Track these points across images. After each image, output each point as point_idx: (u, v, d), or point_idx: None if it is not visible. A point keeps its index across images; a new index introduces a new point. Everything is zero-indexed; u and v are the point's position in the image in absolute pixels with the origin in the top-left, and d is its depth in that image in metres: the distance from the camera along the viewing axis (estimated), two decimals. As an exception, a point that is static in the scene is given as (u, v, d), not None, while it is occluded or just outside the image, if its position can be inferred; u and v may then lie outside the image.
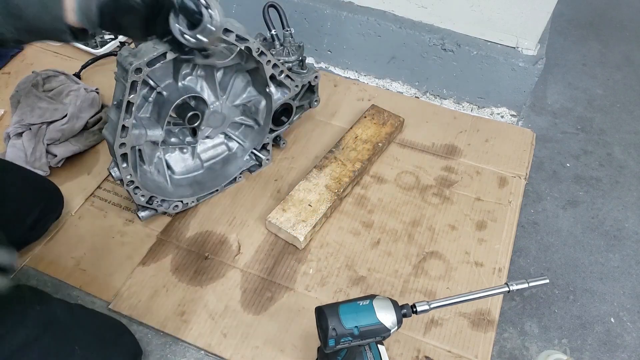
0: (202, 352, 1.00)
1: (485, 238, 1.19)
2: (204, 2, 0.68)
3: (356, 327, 0.74)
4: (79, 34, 0.64)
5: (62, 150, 1.26)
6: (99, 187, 1.27)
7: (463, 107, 1.61)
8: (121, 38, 1.65)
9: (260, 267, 1.12)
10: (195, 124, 1.11)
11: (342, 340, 0.75)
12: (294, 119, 1.31)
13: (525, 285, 0.77)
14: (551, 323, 1.14)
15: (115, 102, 0.99)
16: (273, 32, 1.24)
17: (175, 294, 1.07)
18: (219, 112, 1.19)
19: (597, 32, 2.06)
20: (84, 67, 1.53)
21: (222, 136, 1.27)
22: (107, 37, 1.64)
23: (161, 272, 1.10)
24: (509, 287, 0.77)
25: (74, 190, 1.25)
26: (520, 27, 1.43)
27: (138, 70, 0.92)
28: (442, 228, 1.20)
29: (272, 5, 1.24)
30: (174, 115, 1.10)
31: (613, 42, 2.01)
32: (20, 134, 1.23)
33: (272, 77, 1.16)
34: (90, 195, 1.25)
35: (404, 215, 1.22)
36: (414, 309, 0.77)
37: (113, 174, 1.05)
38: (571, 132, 1.61)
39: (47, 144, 1.24)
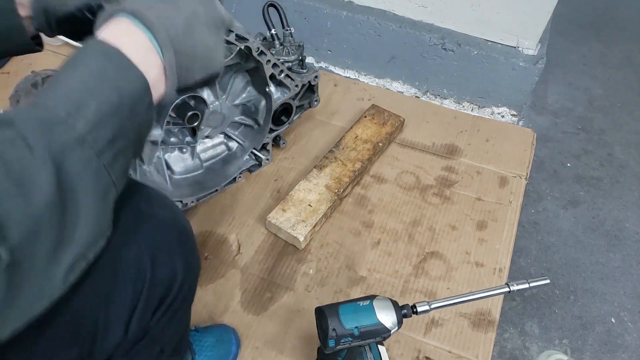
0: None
1: (485, 238, 1.18)
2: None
3: (356, 327, 0.74)
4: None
5: (62, 150, 1.25)
6: (98, 187, 1.26)
7: (463, 106, 1.60)
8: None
9: (260, 267, 1.12)
10: (195, 124, 1.11)
11: (342, 340, 0.75)
12: (294, 118, 1.31)
13: (526, 286, 0.77)
14: (552, 323, 1.14)
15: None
16: (273, 31, 1.24)
17: (175, 294, 1.07)
18: (219, 112, 1.18)
19: (598, 32, 2.06)
20: (83, 66, 1.53)
21: (222, 136, 1.27)
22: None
23: (161, 272, 1.10)
24: (509, 288, 0.77)
25: (74, 190, 1.24)
26: (521, 26, 1.42)
27: (137, 69, 0.92)
28: (443, 228, 1.20)
29: (272, 5, 1.24)
30: (174, 115, 1.10)
31: (613, 42, 2.01)
32: (19, 134, 1.23)
33: (272, 77, 1.16)
34: (90, 195, 1.24)
35: (404, 215, 1.22)
36: (414, 310, 0.77)
37: (112, 173, 1.04)
38: (572, 131, 1.61)
39: (47, 144, 1.23)
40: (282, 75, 1.17)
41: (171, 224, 0.60)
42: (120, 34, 0.45)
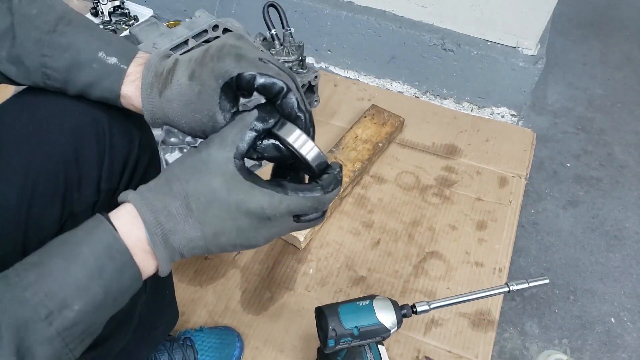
0: None
1: (485, 238, 1.18)
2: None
3: (356, 327, 0.74)
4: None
5: (62, 150, 1.25)
6: (98, 187, 1.27)
7: (463, 106, 1.60)
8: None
9: (260, 267, 1.12)
10: (195, 124, 1.11)
11: (341, 340, 0.75)
12: (294, 118, 1.31)
13: (526, 286, 0.77)
14: (551, 323, 1.14)
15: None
16: (273, 31, 1.24)
17: (175, 294, 1.07)
18: (219, 112, 1.18)
19: (598, 32, 2.06)
20: (83, 67, 1.53)
21: (222, 136, 1.27)
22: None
23: (161, 272, 1.10)
24: (509, 287, 0.77)
25: (74, 190, 1.25)
26: (521, 26, 1.43)
27: (137, 70, 0.92)
28: (442, 228, 1.20)
29: (271, 5, 1.24)
30: (174, 115, 1.10)
31: (613, 42, 2.01)
32: (19, 134, 1.23)
33: (272, 77, 1.16)
34: (90, 195, 1.25)
35: (404, 215, 1.22)
36: (414, 309, 0.77)
37: (113, 174, 1.04)
38: (571, 131, 1.61)
39: (47, 144, 1.23)
40: (282, 75, 1.17)
41: None
42: (128, 224, 0.45)
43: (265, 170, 1.27)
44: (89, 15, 1.71)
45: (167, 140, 1.18)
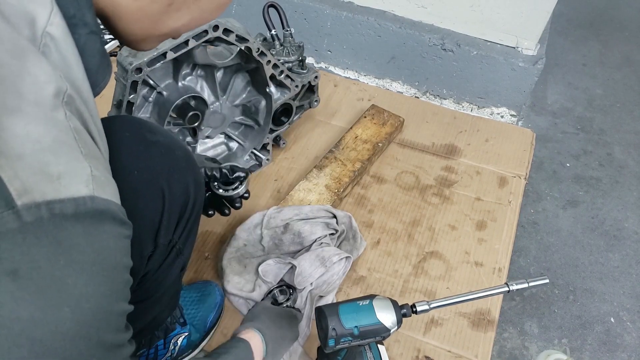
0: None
1: (485, 238, 1.19)
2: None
3: (356, 327, 0.74)
4: None
5: (62, 150, 1.25)
6: (99, 187, 1.26)
7: (463, 107, 1.61)
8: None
9: (260, 267, 1.12)
10: (195, 124, 1.11)
11: (342, 340, 0.75)
12: (294, 119, 1.31)
13: (525, 285, 0.77)
14: (551, 323, 1.14)
15: (115, 102, 0.99)
16: (273, 32, 1.24)
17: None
18: (219, 112, 1.19)
19: (597, 32, 2.06)
20: (84, 67, 1.53)
21: (222, 136, 1.27)
22: (107, 37, 1.64)
23: (161, 272, 1.10)
24: (508, 287, 0.77)
25: (74, 190, 1.24)
26: (520, 27, 1.43)
27: (138, 70, 0.92)
28: (442, 228, 1.20)
29: (272, 5, 1.24)
30: (174, 115, 1.10)
31: (613, 42, 2.02)
32: (20, 134, 1.23)
33: (272, 77, 1.16)
34: (90, 195, 1.24)
35: (404, 215, 1.22)
36: (414, 309, 0.77)
37: (113, 174, 1.04)
38: (571, 132, 1.62)
39: (47, 144, 1.23)
40: (282, 75, 1.17)
41: (175, 147, 0.69)
42: (253, 339, 0.75)
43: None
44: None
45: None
